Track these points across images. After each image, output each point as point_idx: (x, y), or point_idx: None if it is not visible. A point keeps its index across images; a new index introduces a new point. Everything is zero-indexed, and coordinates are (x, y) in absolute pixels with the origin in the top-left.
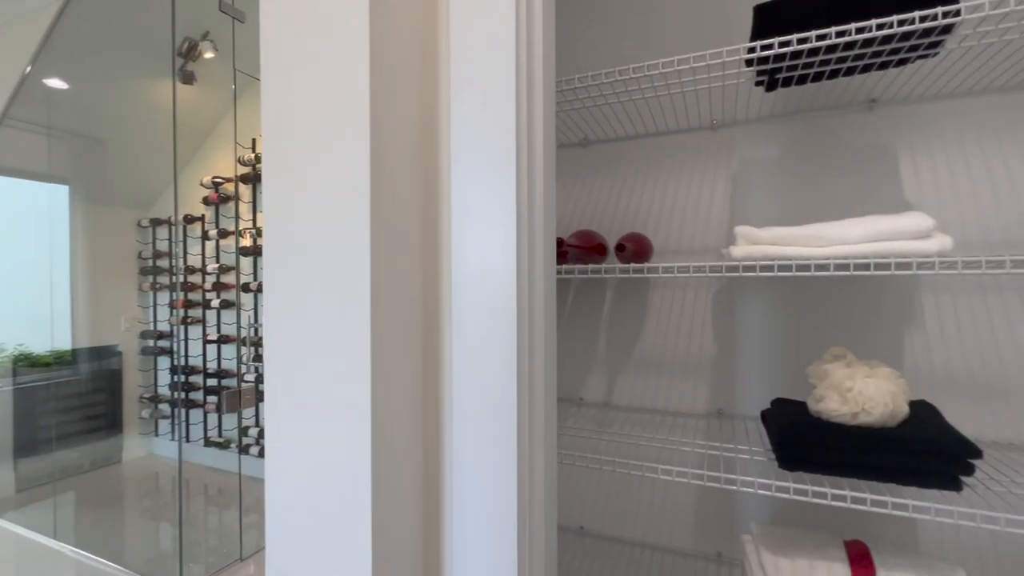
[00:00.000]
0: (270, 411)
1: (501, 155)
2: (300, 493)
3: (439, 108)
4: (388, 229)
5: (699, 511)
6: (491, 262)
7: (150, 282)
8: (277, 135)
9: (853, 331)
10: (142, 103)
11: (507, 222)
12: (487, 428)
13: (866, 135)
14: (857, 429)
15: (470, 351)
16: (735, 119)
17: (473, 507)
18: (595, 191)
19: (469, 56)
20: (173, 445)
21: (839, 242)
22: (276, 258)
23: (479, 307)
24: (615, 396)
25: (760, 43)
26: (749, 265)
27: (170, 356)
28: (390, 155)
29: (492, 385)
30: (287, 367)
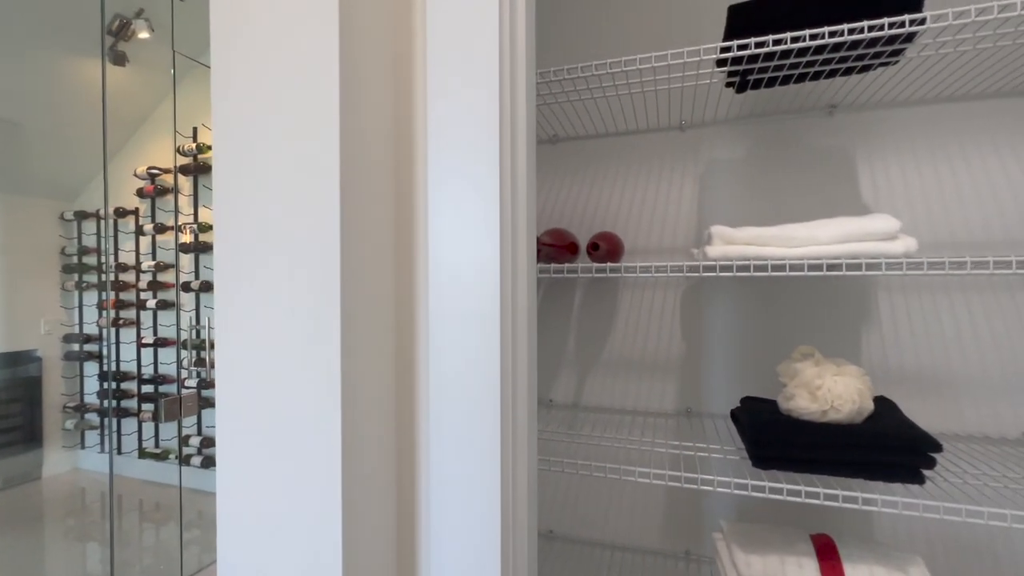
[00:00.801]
0: (224, 432)
1: (484, 148)
2: (258, 517)
3: (414, 97)
4: (360, 227)
5: (666, 510)
6: (473, 262)
7: (75, 281)
8: (229, 127)
9: (813, 329)
10: (66, 84)
11: (491, 219)
12: (469, 439)
13: (826, 139)
14: (826, 426)
15: (449, 357)
16: (703, 120)
17: (454, 523)
18: (564, 189)
19: (448, 43)
20: (101, 458)
21: (811, 242)
22: (233, 259)
23: (459, 310)
24: (584, 397)
25: (736, 43)
26: (726, 265)
27: (99, 361)
28: (362, 146)
29: (475, 392)
30: (243, 379)
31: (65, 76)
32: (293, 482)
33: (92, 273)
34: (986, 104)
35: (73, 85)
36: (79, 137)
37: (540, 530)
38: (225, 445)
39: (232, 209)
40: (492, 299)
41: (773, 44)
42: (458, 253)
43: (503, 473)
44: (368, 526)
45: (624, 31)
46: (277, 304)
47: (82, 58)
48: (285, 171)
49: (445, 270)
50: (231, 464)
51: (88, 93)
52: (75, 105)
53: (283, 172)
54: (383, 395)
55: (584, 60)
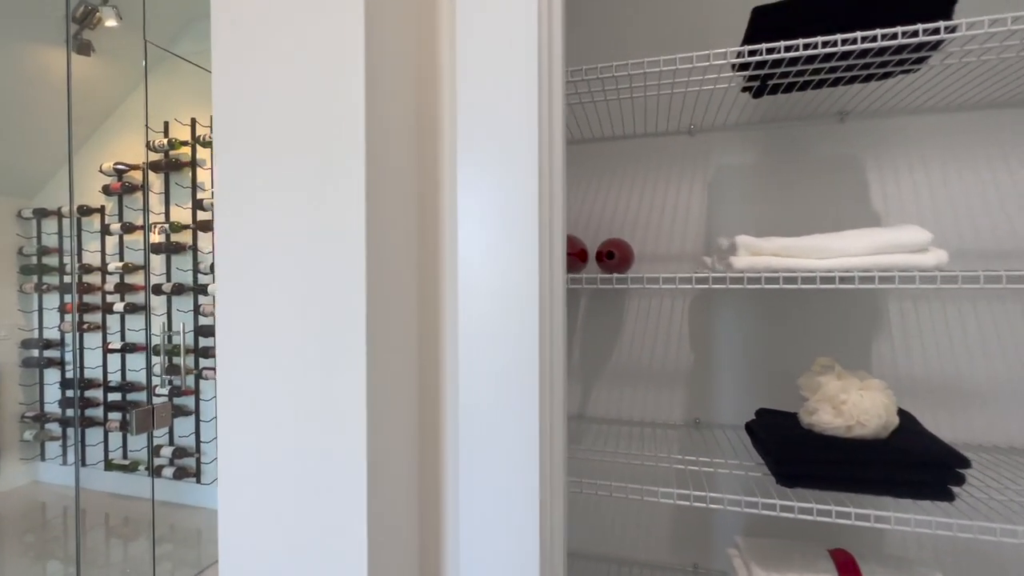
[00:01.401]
0: (225, 449)
1: (522, 148)
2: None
3: (439, 88)
4: (385, 230)
5: (673, 524)
6: (509, 273)
7: (34, 283)
8: (234, 125)
9: (823, 338)
10: (25, 74)
11: (529, 227)
12: (504, 462)
13: (837, 146)
14: (852, 442)
15: (480, 379)
16: (713, 125)
17: (486, 548)
18: (569, 193)
19: (482, 30)
20: (63, 470)
21: (840, 254)
22: (237, 264)
23: (493, 324)
24: (590, 408)
25: (765, 46)
26: (753, 277)
27: (60, 368)
28: (387, 148)
29: (510, 413)
30: (250, 405)
31: (24, 65)
32: (312, 519)
33: (53, 275)
34: (998, 113)
35: (32, 75)
36: (39, 130)
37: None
38: (230, 488)
39: (240, 220)
40: (531, 312)
41: (803, 48)
42: (491, 262)
43: (542, 503)
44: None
45: (634, 34)
46: (293, 321)
47: (43, 46)
48: (304, 176)
49: (476, 281)
50: (237, 509)
51: (49, 83)
52: (34, 96)
53: (302, 176)
54: (408, 426)
55: (589, 63)
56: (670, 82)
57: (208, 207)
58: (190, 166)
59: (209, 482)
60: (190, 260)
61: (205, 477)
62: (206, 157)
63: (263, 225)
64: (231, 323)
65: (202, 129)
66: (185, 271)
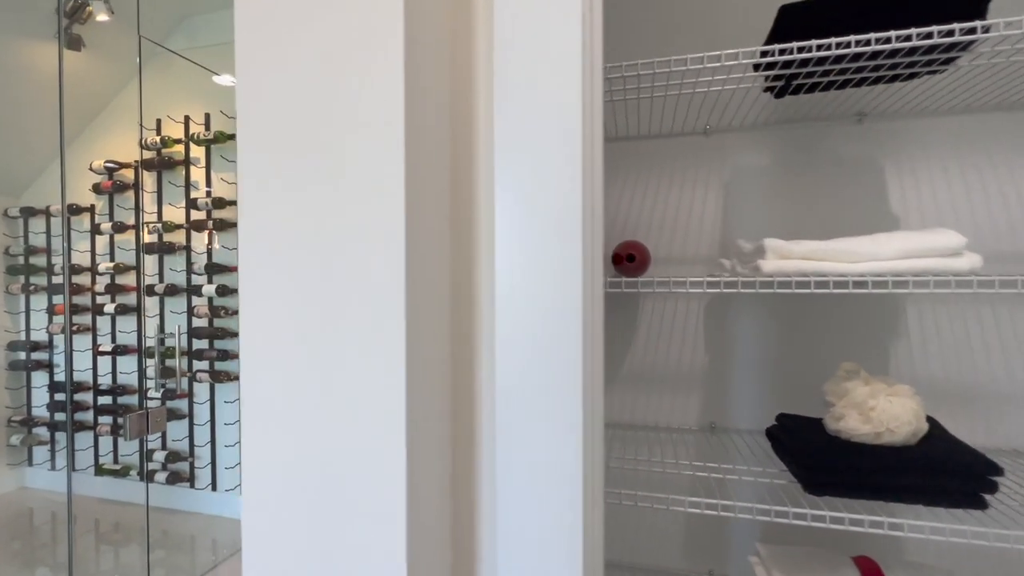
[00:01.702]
0: (251, 455)
1: (567, 149)
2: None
3: (474, 85)
4: (422, 230)
5: (688, 530)
6: (551, 277)
7: (21, 283)
8: (261, 121)
9: (841, 341)
10: (11, 69)
11: (573, 229)
12: (545, 473)
13: (854, 147)
14: (882, 449)
15: (518, 388)
16: (729, 125)
17: (526, 559)
18: None
19: (524, 31)
20: (52, 476)
21: (872, 258)
22: (268, 271)
23: (533, 328)
24: (605, 412)
25: (796, 44)
26: (784, 281)
27: (49, 371)
28: (424, 146)
29: (554, 423)
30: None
31: (10, 61)
32: (345, 535)
33: (40, 275)
34: (1021, 116)
35: (19, 71)
36: (26, 127)
37: None
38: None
39: (266, 219)
40: (574, 317)
41: (836, 47)
42: (533, 266)
43: (585, 515)
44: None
45: (644, 33)
46: (329, 326)
47: (31, 41)
48: (339, 173)
49: (516, 285)
50: (261, 521)
51: (37, 80)
52: (21, 93)
53: (337, 174)
54: (443, 433)
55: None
56: (693, 81)
57: (202, 206)
58: (183, 164)
59: (203, 487)
60: (183, 260)
61: (199, 482)
62: (200, 155)
63: (292, 225)
64: (258, 324)
65: (196, 127)
66: (178, 272)
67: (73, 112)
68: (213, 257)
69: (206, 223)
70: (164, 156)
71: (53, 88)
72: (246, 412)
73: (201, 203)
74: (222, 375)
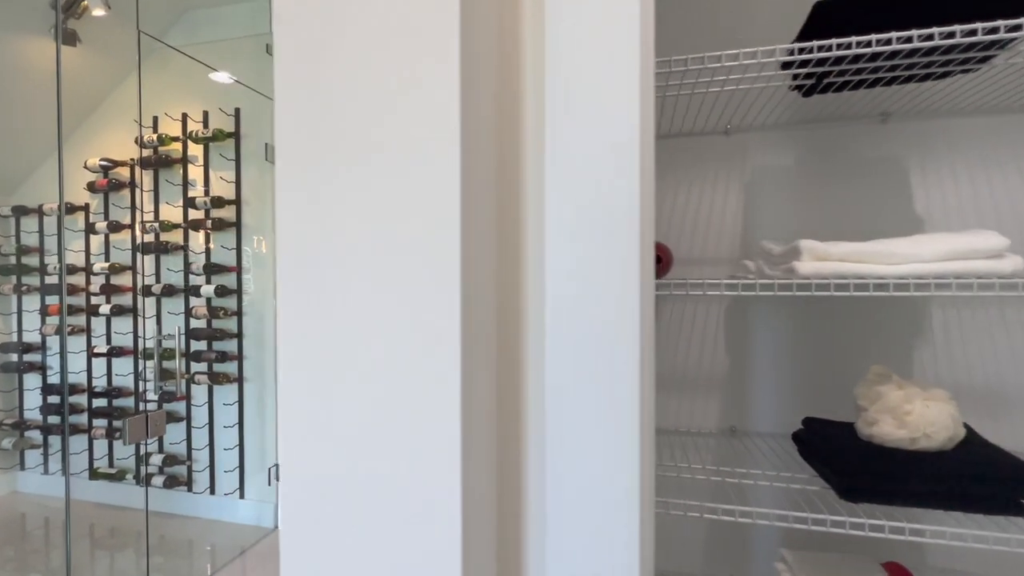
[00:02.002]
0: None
1: (625, 145)
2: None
3: (521, 82)
4: (475, 232)
5: (708, 534)
6: (606, 278)
7: (12, 284)
8: (300, 114)
9: (864, 344)
10: (3, 65)
11: (631, 230)
12: (600, 483)
13: (879, 148)
14: (919, 455)
15: (571, 397)
16: (751, 125)
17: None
18: None
19: (579, 21)
20: (44, 480)
21: (914, 260)
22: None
23: (585, 332)
24: None
25: (836, 41)
26: (822, 283)
27: (42, 373)
28: (477, 142)
29: (610, 427)
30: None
31: (1, 56)
32: (396, 549)
33: (33, 275)
34: None
35: (11, 67)
36: (18, 125)
37: None
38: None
39: (308, 222)
40: (632, 321)
41: (876, 44)
42: (587, 268)
43: (642, 528)
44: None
45: (664, 31)
46: (375, 327)
47: (24, 36)
48: (389, 171)
49: (568, 287)
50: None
51: (30, 76)
52: (13, 89)
53: (387, 172)
54: (490, 444)
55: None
56: (707, 80)
57: (201, 205)
58: (180, 163)
59: (201, 491)
60: (181, 260)
61: (197, 486)
62: (198, 153)
63: (335, 225)
64: (298, 327)
65: (194, 124)
66: (176, 272)
67: (67, 109)
68: (212, 257)
69: (204, 222)
70: (161, 154)
71: (46, 85)
72: (284, 420)
73: (199, 202)
74: (221, 377)
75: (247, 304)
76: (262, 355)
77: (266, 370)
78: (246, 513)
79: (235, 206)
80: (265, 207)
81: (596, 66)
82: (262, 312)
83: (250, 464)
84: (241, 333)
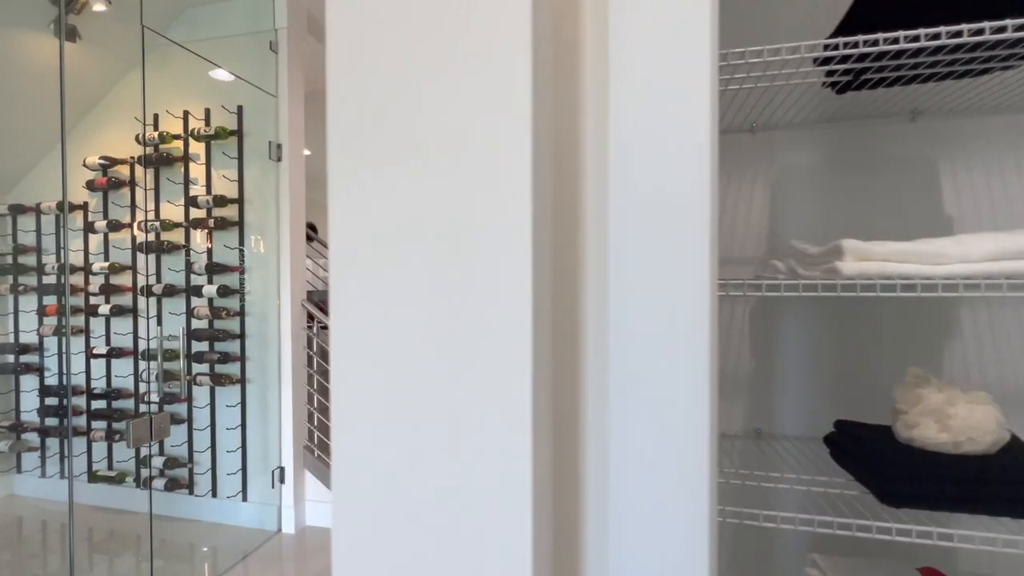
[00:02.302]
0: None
1: (695, 140)
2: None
3: (580, 66)
4: (542, 226)
5: (731, 539)
6: (676, 275)
7: (9, 284)
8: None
9: (893, 344)
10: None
11: (703, 229)
12: (670, 492)
13: (908, 146)
14: (964, 459)
15: (640, 400)
16: (777, 123)
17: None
18: None
19: (648, 13)
20: (41, 483)
21: (961, 260)
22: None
23: (654, 330)
24: None
25: (883, 36)
26: (867, 284)
27: (39, 374)
28: (543, 132)
29: (677, 433)
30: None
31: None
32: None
33: (30, 275)
34: None
35: (9, 62)
36: (15, 123)
37: None
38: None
39: (364, 215)
40: (703, 317)
41: (924, 39)
42: (657, 267)
43: (710, 543)
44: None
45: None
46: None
47: (21, 31)
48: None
49: (633, 284)
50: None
51: (28, 72)
52: (11, 86)
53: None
54: (549, 448)
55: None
56: (759, 75)
57: (203, 204)
58: (181, 161)
59: (203, 493)
60: (182, 260)
61: (199, 488)
62: (200, 151)
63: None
64: (354, 329)
65: (196, 122)
66: (177, 272)
67: (66, 106)
68: (214, 257)
69: (206, 221)
70: (162, 152)
71: (44, 81)
72: (337, 424)
73: (201, 201)
74: (223, 378)
75: (249, 304)
76: (265, 356)
77: (269, 371)
78: (249, 516)
79: (237, 205)
80: (268, 206)
81: (666, 53)
82: (265, 312)
83: (253, 466)
84: (244, 334)
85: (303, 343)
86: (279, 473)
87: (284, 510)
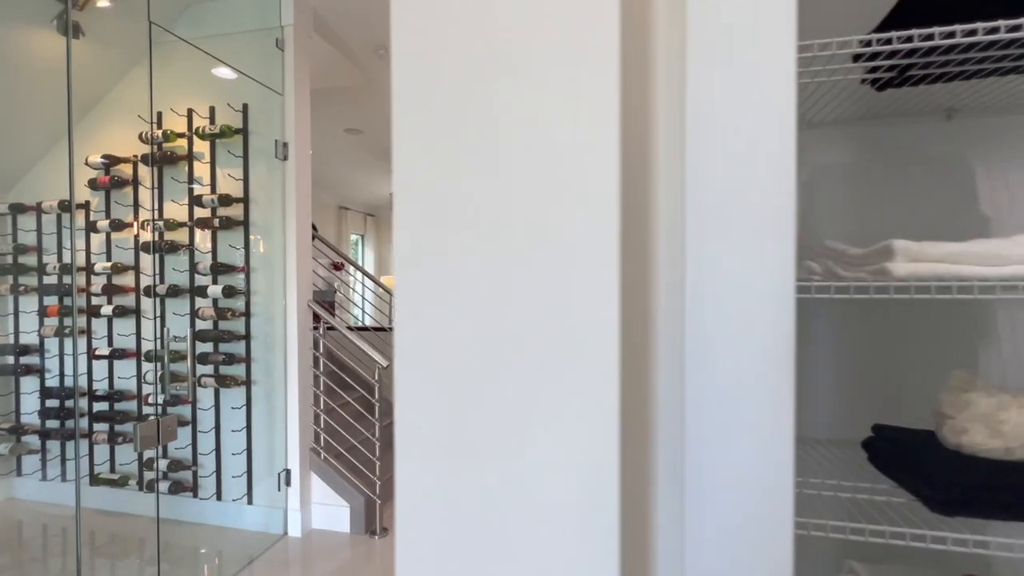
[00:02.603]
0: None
1: (778, 136)
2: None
3: (651, 65)
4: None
5: None
6: (758, 276)
7: (9, 284)
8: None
9: (925, 347)
10: (2, 58)
11: (787, 227)
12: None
13: (943, 146)
14: (1017, 465)
15: (719, 404)
16: (809, 122)
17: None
18: None
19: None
20: (42, 486)
21: (1019, 261)
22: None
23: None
24: None
25: (939, 30)
26: (922, 286)
27: (40, 376)
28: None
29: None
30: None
31: (2, 49)
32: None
33: (30, 275)
34: None
35: (11, 59)
36: (16, 120)
37: None
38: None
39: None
40: (787, 320)
41: (984, 33)
42: (739, 267)
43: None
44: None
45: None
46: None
47: (24, 27)
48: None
49: (716, 285)
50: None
51: (30, 68)
52: (12, 83)
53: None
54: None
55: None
56: (802, 70)
57: (208, 204)
58: (186, 159)
59: (208, 496)
60: (186, 260)
61: (203, 491)
62: (204, 150)
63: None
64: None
65: (200, 120)
66: (181, 272)
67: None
68: (218, 257)
69: (211, 221)
70: (166, 150)
71: (46, 78)
72: (401, 439)
73: (206, 200)
74: (228, 380)
75: (255, 305)
76: (270, 357)
77: (275, 372)
78: (254, 519)
79: (243, 204)
80: (274, 205)
81: (753, 47)
82: (271, 313)
83: (258, 469)
84: (249, 335)
85: (309, 344)
86: (285, 476)
87: (290, 513)
